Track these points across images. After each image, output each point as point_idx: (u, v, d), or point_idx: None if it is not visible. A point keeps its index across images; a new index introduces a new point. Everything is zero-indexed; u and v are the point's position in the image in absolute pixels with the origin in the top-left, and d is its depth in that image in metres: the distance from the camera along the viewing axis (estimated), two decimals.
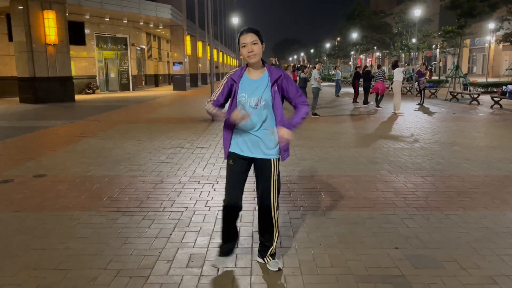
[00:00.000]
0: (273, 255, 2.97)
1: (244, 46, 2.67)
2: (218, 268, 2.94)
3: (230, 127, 2.81)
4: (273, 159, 2.78)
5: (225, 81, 2.81)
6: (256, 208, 2.96)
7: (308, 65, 21.75)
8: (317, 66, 13.40)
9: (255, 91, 2.71)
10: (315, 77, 12.65)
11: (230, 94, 2.79)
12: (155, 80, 33.08)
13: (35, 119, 11.69)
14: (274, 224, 2.89)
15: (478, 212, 4.03)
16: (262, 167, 2.80)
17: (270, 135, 2.74)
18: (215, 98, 2.79)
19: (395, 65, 13.65)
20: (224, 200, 2.84)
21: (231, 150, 2.82)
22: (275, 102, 2.73)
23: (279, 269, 2.90)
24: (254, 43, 2.66)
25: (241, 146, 2.79)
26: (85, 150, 7.14)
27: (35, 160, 6.38)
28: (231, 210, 2.83)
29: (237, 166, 2.81)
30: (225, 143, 2.85)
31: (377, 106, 14.58)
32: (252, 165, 2.86)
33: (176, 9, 26.15)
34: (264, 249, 2.98)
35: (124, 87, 26.18)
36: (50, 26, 16.22)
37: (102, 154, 6.84)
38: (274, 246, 2.95)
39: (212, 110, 2.77)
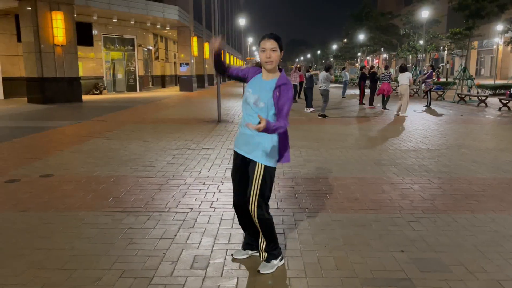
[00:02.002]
0: (268, 256, 2.96)
1: (263, 51, 2.71)
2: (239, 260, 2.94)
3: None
4: (258, 163, 2.77)
5: (245, 67, 2.95)
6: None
7: (314, 65, 21.78)
8: (331, 70, 13.36)
9: (259, 90, 2.75)
10: (327, 79, 12.63)
11: (240, 78, 2.93)
12: (161, 81, 33.20)
13: (42, 119, 11.77)
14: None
15: (486, 215, 3.99)
16: (251, 167, 2.83)
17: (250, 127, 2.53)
18: (232, 67, 2.96)
19: (403, 69, 13.45)
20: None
21: (234, 148, 2.97)
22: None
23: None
24: (273, 50, 2.70)
25: (237, 141, 2.92)
26: (91, 150, 7.17)
27: (41, 160, 6.42)
28: (236, 208, 3.01)
29: (235, 163, 2.97)
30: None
31: (384, 107, 14.52)
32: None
33: (183, 10, 26.23)
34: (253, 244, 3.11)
35: (131, 88, 26.29)
36: (58, 27, 16.34)
37: (109, 154, 6.87)
38: (261, 247, 2.98)
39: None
